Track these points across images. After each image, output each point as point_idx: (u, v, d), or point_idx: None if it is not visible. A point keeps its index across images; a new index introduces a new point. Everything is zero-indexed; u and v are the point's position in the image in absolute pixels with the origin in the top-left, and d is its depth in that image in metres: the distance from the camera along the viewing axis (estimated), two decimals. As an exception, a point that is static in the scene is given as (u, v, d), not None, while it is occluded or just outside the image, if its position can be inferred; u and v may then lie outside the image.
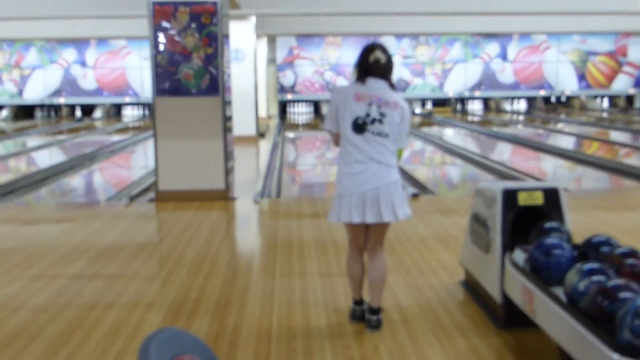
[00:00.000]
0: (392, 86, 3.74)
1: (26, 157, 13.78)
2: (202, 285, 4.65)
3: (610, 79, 25.12)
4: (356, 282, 3.87)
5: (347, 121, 3.62)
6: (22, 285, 4.69)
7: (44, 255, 5.49)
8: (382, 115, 3.60)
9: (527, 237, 3.70)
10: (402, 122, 3.69)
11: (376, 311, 3.78)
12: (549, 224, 3.63)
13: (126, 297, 4.41)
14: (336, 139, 3.76)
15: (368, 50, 3.69)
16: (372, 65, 3.65)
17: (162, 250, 5.72)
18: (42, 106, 24.49)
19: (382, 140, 3.61)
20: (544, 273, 3.22)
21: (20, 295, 4.48)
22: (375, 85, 3.65)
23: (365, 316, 3.83)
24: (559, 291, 3.03)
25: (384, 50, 3.71)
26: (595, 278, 2.81)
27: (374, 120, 3.59)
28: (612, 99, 25.81)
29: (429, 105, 25.69)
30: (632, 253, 3.04)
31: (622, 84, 25.17)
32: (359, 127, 3.59)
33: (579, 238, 3.56)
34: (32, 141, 16.90)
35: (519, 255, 3.58)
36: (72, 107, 24.84)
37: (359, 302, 3.91)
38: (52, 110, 24.74)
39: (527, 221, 3.80)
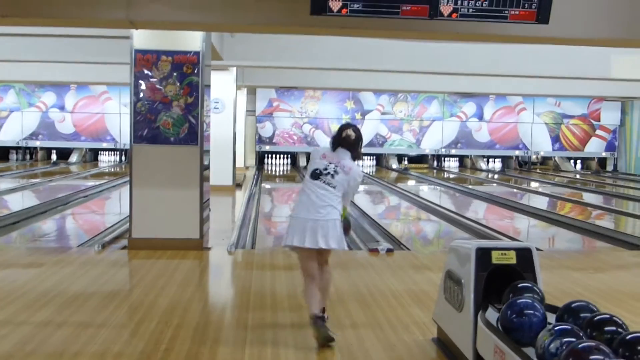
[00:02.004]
0: (355, 157, 4.70)
1: (-2, 200, 13.61)
2: (173, 335, 4.58)
3: (584, 142, 25.62)
4: (313, 299, 4.52)
5: (309, 171, 4.65)
6: (-13, 331, 4.58)
7: (11, 300, 5.38)
8: (336, 172, 4.57)
9: (501, 295, 3.71)
10: (349, 184, 4.61)
11: (320, 318, 4.45)
12: (522, 284, 3.65)
13: (94, 347, 4.32)
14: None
15: (343, 128, 4.73)
16: (343, 139, 4.67)
17: (132, 298, 5.63)
18: (17, 148, 24.32)
19: (329, 188, 4.54)
20: (516, 333, 3.22)
21: (-15, 341, 4.37)
22: (341, 154, 4.64)
23: (313, 319, 4.44)
24: (530, 352, 3.03)
25: (355, 129, 4.73)
26: (567, 339, 2.82)
27: (328, 173, 4.56)
28: (585, 161, 26.28)
29: (405, 161, 25.95)
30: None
31: (594, 147, 25.67)
32: (316, 175, 4.58)
33: (551, 298, 3.58)
34: (5, 183, 16.70)
35: (492, 314, 3.58)
36: (48, 151, 24.69)
37: (318, 316, 4.48)
38: (28, 153, 24.57)
39: (501, 280, 3.82)
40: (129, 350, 4.29)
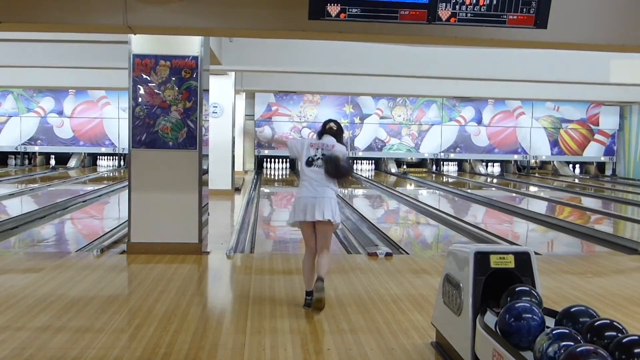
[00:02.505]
0: (339, 142, 5.60)
1: (-3, 205, 13.60)
2: (171, 340, 4.58)
3: (582, 146, 25.65)
4: (307, 275, 5.47)
5: (303, 160, 5.53)
6: (-15, 336, 4.58)
7: (10, 305, 5.38)
8: (323, 155, 5.46)
9: (499, 299, 3.72)
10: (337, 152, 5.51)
11: (320, 278, 5.34)
12: (520, 287, 3.66)
13: (93, 352, 4.32)
14: (286, 147, 5.75)
15: (326, 122, 5.73)
16: (327, 130, 5.66)
17: (131, 303, 5.63)
18: (16, 154, 24.31)
19: (321, 170, 5.42)
20: (514, 337, 3.22)
21: (-17, 346, 4.36)
22: (325, 139, 5.59)
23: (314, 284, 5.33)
24: (529, 355, 3.03)
25: (336, 123, 5.73)
26: (564, 343, 2.82)
27: (318, 158, 5.47)
28: (584, 165, 26.30)
29: (404, 166, 25.97)
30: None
31: (593, 152, 25.70)
32: (309, 162, 5.49)
33: (549, 302, 3.58)
34: (3, 189, 16.70)
35: (491, 318, 3.59)
36: (47, 156, 24.69)
37: (309, 293, 5.42)
38: (26, 158, 24.57)
39: (500, 284, 3.82)
40: (128, 354, 4.29)
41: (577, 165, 26.35)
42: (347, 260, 7.53)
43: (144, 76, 7.58)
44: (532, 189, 19.88)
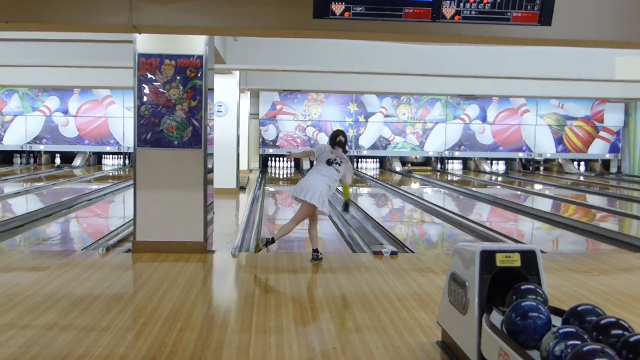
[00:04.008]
0: (345, 151, 7.44)
1: (2, 203, 13.63)
2: (177, 338, 4.58)
3: (587, 143, 25.59)
4: (313, 238, 7.27)
5: (324, 160, 7.26)
6: (-9, 335, 4.59)
7: (15, 304, 5.39)
8: (340, 163, 7.27)
9: (505, 298, 3.71)
10: (346, 168, 7.34)
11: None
12: (526, 286, 3.65)
13: (98, 350, 4.33)
14: (308, 154, 7.65)
15: (336, 134, 7.42)
16: (338, 142, 7.36)
17: (136, 302, 5.64)
18: (21, 152, 24.38)
19: (336, 172, 7.24)
20: (520, 336, 3.22)
21: (-11, 345, 4.38)
22: (339, 151, 7.35)
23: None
24: (535, 354, 3.02)
25: (344, 134, 7.46)
26: (571, 342, 2.81)
27: (337, 162, 7.26)
28: (589, 163, 26.24)
29: (409, 165, 25.95)
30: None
31: (598, 149, 25.65)
32: (329, 162, 7.24)
33: (555, 300, 3.57)
34: (9, 187, 16.75)
35: (496, 317, 3.58)
36: (52, 155, 24.75)
37: (315, 250, 7.24)
38: (32, 157, 24.63)
39: (506, 282, 3.81)
40: (133, 353, 4.29)
41: (582, 163, 26.29)
42: (352, 259, 7.53)
43: (149, 75, 7.59)
44: (537, 186, 19.84)
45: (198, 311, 5.34)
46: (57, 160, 24.65)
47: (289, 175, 23.09)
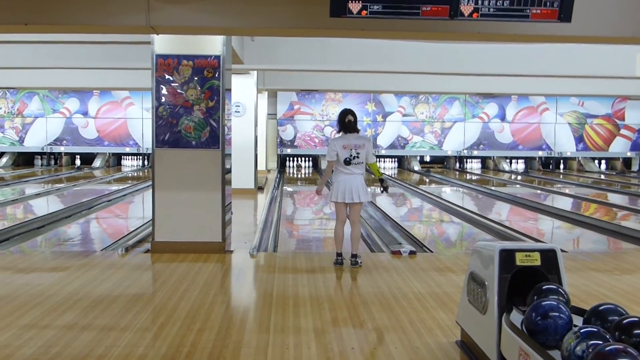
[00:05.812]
0: (357, 130, 6.97)
1: (24, 205, 13.76)
2: (195, 339, 4.59)
3: (608, 141, 25.34)
4: (339, 241, 6.95)
5: (341, 160, 6.85)
6: (12, 335, 4.62)
7: (36, 304, 5.43)
8: (358, 153, 6.83)
9: (525, 297, 3.67)
10: (368, 149, 6.91)
11: (355, 255, 6.91)
12: (546, 285, 3.61)
13: (117, 350, 4.34)
14: (331, 166, 7.01)
15: (344, 114, 6.96)
16: (347, 123, 6.90)
17: (155, 302, 5.66)
18: (42, 154, 24.61)
19: (358, 165, 6.87)
20: (541, 336, 3.18)
21: (10, 345, 4.41)
22: (351, 138, 6.88)
23: (350, 260, 6.90)
24: (556, 354, 2.99)
25: (352, 113, 6.97)
26: (593, 342, 2.77)
27: (354, 157, 6.83)
28: (610, 161, 25.99)
29: (427, 163, 25.86)
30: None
31: (619, 147, 25.39)
32: (347, 162, 6.84)
33: (576, 300, 3.53)
34: (30, 189, 16.91)
35: (516, 317, 3.54)
36: (72, 156, 24.97)
37: (339, 254, 6.97)
38: (52, 158, 24.86)
39: (525, 282, 3.77)
40: (152, 353, 4.30)
41: (603, 161, 26.03)
42: (370, 259, 7.51)
43: (167, 76, 7.62)
44: (557, 185, 19.68)
45: (216, 311, 5.34)
46: (77, 162, 24.86)
47: (307, 175, 23.09)
